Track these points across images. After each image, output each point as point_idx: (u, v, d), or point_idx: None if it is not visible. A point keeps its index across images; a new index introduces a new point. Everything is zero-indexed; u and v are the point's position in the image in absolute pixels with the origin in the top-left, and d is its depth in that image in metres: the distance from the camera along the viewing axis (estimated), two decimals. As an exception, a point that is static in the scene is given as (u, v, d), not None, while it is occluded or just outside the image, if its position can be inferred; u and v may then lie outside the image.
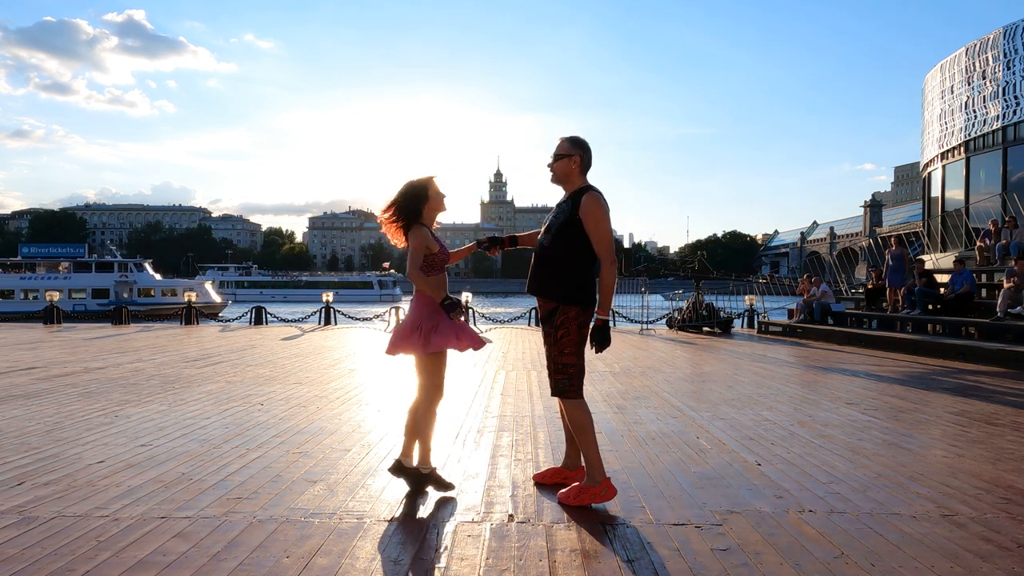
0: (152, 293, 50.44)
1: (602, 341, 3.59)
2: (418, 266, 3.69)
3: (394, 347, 3.77)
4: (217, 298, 51.75)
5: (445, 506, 3.64)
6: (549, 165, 3.80)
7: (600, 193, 3.68)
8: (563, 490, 3.75)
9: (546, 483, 3.99)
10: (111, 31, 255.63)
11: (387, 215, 3.78)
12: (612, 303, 3.72)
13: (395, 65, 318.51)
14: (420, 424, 3.81)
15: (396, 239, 3.82)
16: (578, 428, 3.69)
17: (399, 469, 3.87)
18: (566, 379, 3.68)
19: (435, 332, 3.68)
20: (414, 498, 3.75)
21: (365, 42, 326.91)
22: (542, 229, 3.86)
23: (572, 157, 3.71)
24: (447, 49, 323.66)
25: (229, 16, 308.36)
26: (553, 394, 3.75)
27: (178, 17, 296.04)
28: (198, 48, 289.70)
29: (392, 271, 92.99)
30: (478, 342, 3.83)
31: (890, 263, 15.45)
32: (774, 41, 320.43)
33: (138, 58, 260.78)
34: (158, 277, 53.19)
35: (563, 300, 3.64)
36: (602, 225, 3.61)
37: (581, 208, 3.60)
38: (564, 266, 3.65)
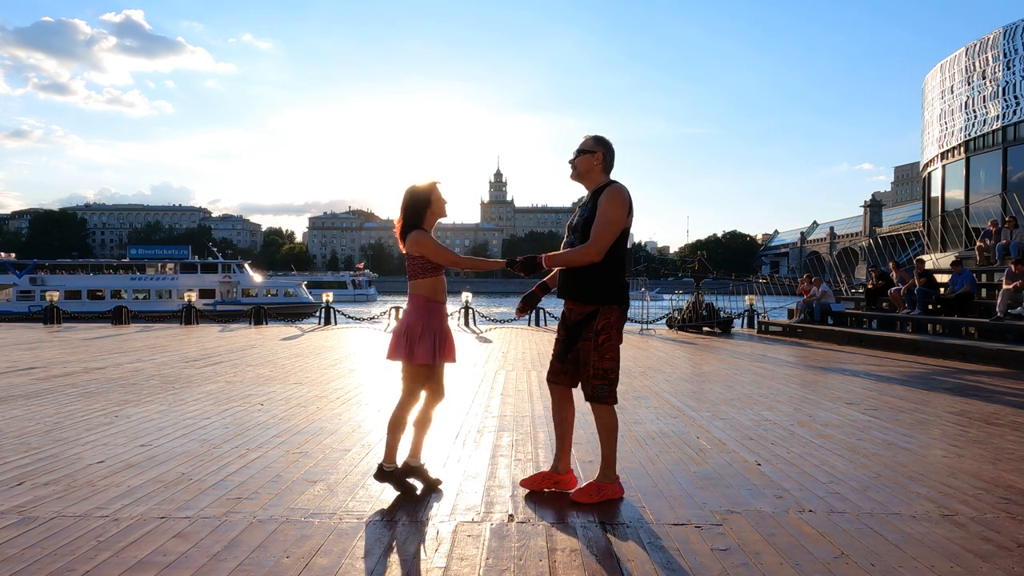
0: (254, 293, 51.58)
1: (527, 268, 3.58)
2: (448, 254, 3.79)
3: (392, 352, 3.80)
4: (311, 298, 52.80)
5: (445, 506, 3.64)
6: (571, 161, 3.72)
7: (624, 187, 3.60)
8: (577, 490, 3.75)
9: (535, 489, 3.86)
10: (109, 31, 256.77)
11: (399, 225, 3.86)
12: (558, 266, 3.66)
13: (394, 65, 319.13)
14: (390, 426, 3.84)
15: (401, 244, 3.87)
16: (608, 431, 3.69)
17: (408, 471, 3.90)
18: (606, 385, 3.62)
19: (419, 343, 3.71)
20: (414, 498, 3.75)
21: (364, 42, 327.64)
22: (566, 231, 3.79)
23: (595, 154, 3.66)
24: (446, 49, 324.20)
25: (227, 16, 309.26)
26: (589, 399, 3.68)
27: (176, 17, 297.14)
28: (196, 48, 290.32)
29: (366, 271, 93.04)
30: (453, 355, 3.87)
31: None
32: (772, 41, 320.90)
33: (136, 58, 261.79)
34: (258, 278, 54.54)
35: (604, 302, 3.57)
36: (612, 213, 3.49)
37: (601, 197, 3.54)
38: (598, 266, 3.55)
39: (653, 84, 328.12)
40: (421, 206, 3.79)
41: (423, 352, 3.71)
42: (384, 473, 3.83)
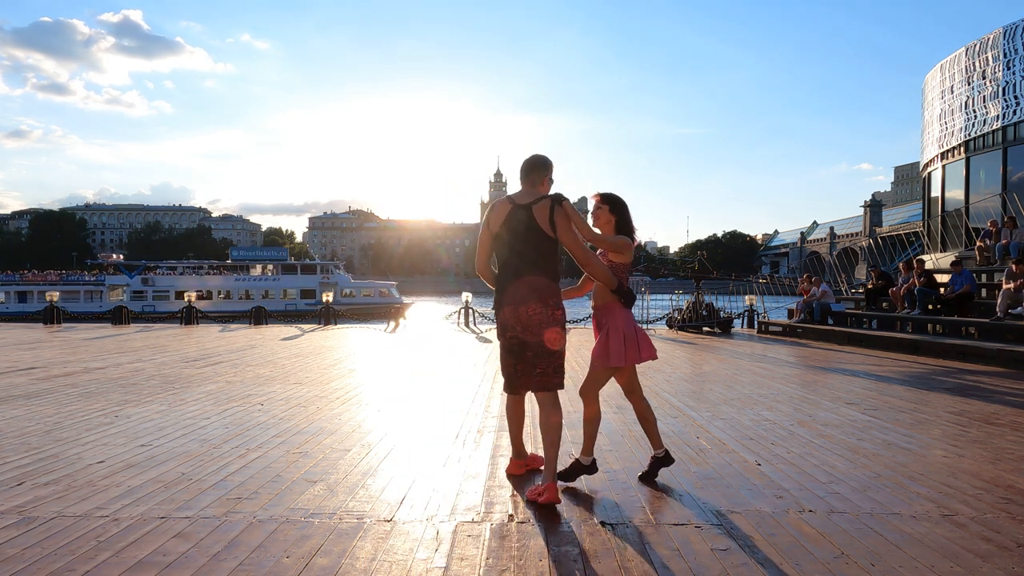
0: (352, 294, 53.43)
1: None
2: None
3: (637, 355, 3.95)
4: (403, 299, 54.87)
5: (445, 506, 3.64)
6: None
7: (494, 202, 3.90)
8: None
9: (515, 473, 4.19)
10: (107, 31, 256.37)
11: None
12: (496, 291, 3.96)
13: (393, 65, 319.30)
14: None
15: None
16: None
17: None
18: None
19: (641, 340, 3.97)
20: (413, 498, 3.75)
21: (362, 42, 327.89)
22: None
23: None
24: (446, 48, 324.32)
25: (225, 16, 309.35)
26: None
27: (174, 17, 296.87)
28: (195, 49, 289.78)
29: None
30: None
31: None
32: (770, 41, 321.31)
33: (135, 58, 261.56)
34: (352, 279, 56.66)
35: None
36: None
37: None
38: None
39: (650, 85, 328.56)
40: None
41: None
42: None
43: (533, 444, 4.97)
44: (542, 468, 3.91)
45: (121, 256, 63.32)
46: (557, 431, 3.70)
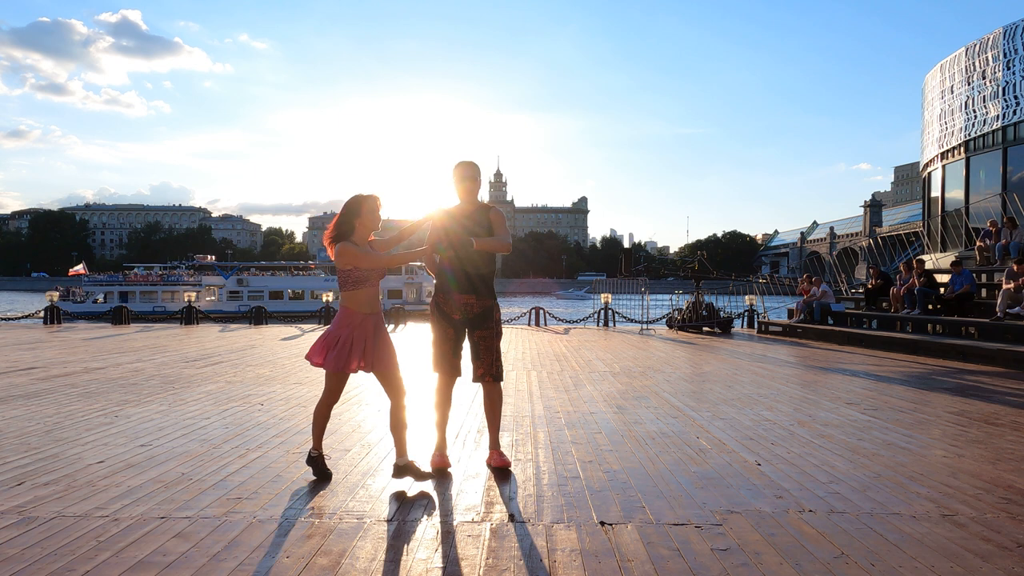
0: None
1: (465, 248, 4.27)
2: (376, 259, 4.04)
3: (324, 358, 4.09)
4: None
5: (445, 506, 3.64)
6: (469, 181, 4.27)
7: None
8: (497, 457, 4.37)
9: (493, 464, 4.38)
10: (105, 31, 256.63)
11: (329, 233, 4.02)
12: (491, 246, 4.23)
13: (392, 64, 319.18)
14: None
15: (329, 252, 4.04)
16: (501, 403, 4.50)
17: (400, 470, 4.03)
18: (502, 364, 4.47)
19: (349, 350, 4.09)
20: (413, 498, 3.75)
21: (360, 42, 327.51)
22: (449, 237, 4.19)
23: (479, 180, 4.35)
24: (445, 48, 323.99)
25: (223, 16, 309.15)
26: (493, 380, 4.38)
27: (172, 17, 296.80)
28: (193, 49, 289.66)
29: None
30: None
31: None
32: (770, 40, 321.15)
33: (133, 59, 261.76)
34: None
35: (495, 297, 4.39)
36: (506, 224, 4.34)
37: (492, 213, 4.31)
38: (490, 269, 4.32)
39: (649, 84, 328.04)
40: (352, 216, 3.96)
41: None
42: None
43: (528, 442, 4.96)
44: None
45: (212, 257, 66.37)
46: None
